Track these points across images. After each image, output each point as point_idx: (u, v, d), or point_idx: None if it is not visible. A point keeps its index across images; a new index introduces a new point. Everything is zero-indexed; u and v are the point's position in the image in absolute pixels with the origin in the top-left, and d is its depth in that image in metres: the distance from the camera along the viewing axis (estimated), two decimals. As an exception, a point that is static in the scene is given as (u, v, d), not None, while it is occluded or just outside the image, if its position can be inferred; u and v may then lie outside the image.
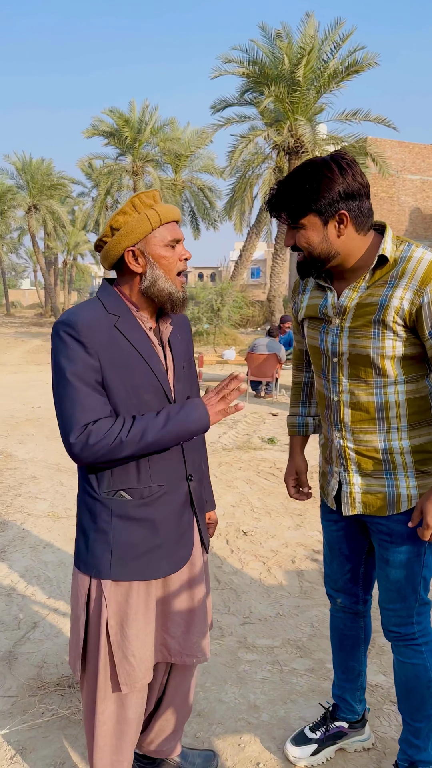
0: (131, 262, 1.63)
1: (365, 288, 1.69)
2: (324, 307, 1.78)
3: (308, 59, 16.49)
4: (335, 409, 1.80)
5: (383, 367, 1.68)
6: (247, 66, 17.26)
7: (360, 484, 1.80)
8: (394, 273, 1.65)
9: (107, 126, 28.96)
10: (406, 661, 1.87)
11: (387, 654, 2.74)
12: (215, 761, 2.05)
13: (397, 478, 1.75)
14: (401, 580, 1.81)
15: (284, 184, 1.65)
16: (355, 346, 1.70)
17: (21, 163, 35.64)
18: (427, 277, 1.60)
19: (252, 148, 18.55)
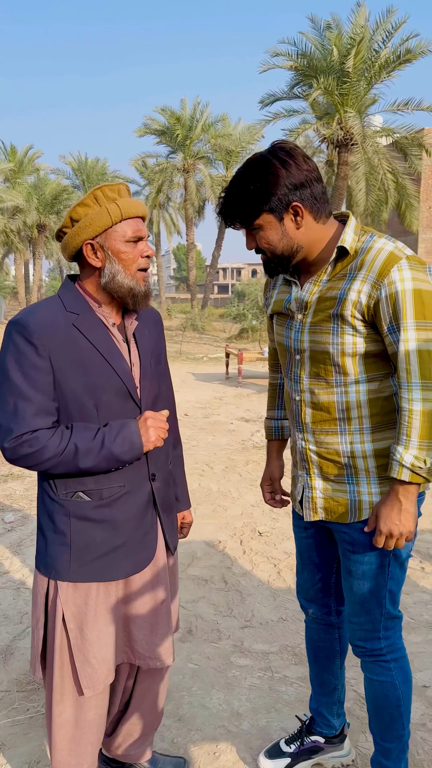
0: (90, 255, 1.60)
1: (326, 281, 1.62)
2: (288, 303, 1.72)
3: (358, 49, 16.10)
4: (297, 409, 1.73)
5: (343, 364, 1.60)
6: (296, 59, 17.01)
7: (322, 488, 1.71)
8: (354, 265, 1.57)
9: (159, 124, 29.21)
10: (374, 678, 1.78)
11: (386, 665, 2.62)
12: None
13: (359, 483, 1.66)
14: (365, 593, 1.71)
15: (230, 191, 1.59)
16: (315, 342, 1.63)
17: (77, 163, 36.40)
18: (385, 269, 1.51)
19: (302, 142, 18.29)
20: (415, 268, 1.52)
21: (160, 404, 1.79)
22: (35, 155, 36.43)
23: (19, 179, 34.91)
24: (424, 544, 3.92)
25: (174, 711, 2.32)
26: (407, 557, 1.73)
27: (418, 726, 2.23)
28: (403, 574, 1.74)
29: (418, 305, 1.50)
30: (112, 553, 1.65)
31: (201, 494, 4.92)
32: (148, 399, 1.71)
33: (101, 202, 1.59)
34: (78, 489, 1.62)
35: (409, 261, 1.53)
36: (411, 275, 1.51)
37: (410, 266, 1.52)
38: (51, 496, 1.65)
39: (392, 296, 1.50)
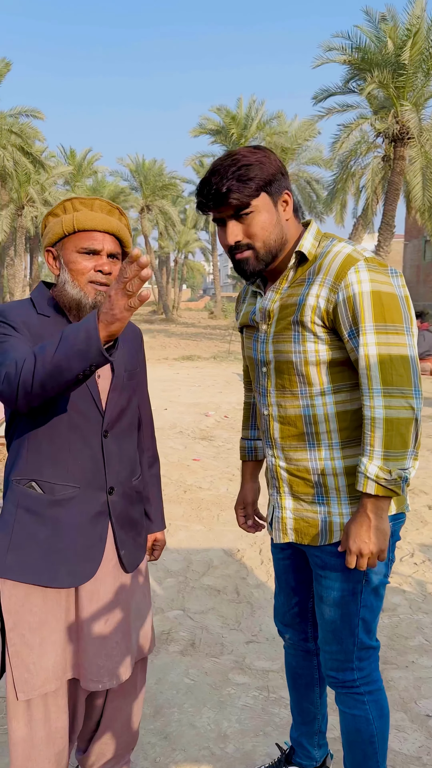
0: (49, 262, 1.65)
1: (287, 288, 1.56)
2: (253, 314, 1.66)
3: (414, 41, 15.60)
4: (266, 424, 1.65)
5: (307, 374, 1.52)
6: (350, 53, 16.66)
7: (292, 508, 1.63)
8: (312, 269, 1.51)
9: (214, 124, 29.25)
10: (347, 711, 1.68)
11: (389, 690, 2.49)
12: None
13: (330, 504, 1.57)
14: (336, 620, 1.62)
15: (227, 169, 1.47)
16: (278, 352, 1.56)
17: (134, 164, 36.88)
18: (342, 272, 1.44)
19: (357, 137, 17.91)
20: (373, 269, 1.45)
21: (127, 418, 1.75)
22: (94, 158, 37.15)
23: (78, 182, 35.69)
24: (452, 559, 3.73)
25: (162, 728, 2.27)
26: (382, 584, 1.63)
27: (412, 759, 2.10)
28: (378, 602, 1.64)
29: (377, 307, 1.42)
30: (53, 555, 1.60)
31: (227, 500, 4.86)
32: (113, 411, 1.67)
33: (67, 211, 1.61)
34: (33, 477, 1.60)
35: (367, 262, 1.46)
36: (369, 277, 1.44)
37: (368, 267, 1.45)
38: (7, 481, 1.65)
39: (350, 299, 1.43)
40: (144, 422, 1.91)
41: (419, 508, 4.66)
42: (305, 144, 27.45)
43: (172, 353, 17.48)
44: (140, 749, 2.17)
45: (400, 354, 1.42)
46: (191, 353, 17.31)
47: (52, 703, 1.67)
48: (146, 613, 1.85)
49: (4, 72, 24.13)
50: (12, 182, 26.54)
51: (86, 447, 1.62)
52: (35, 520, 1.60)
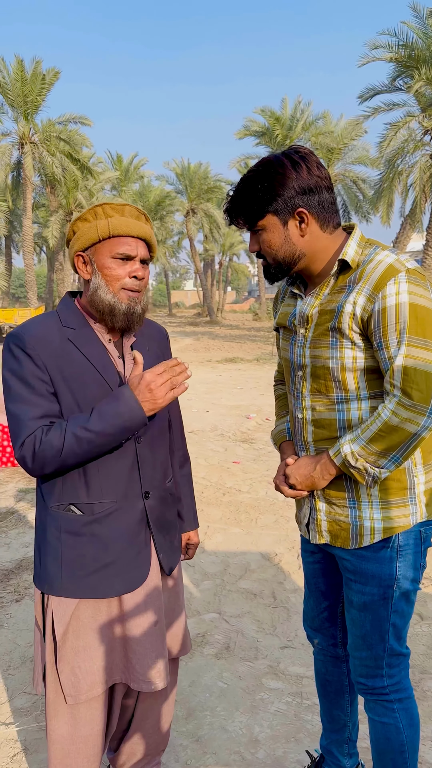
0: (80, 266, 1.65)
1: (327, 294, 1.57)
2: (293, 317, 1.67)
3: (463, 34, 15.27)
4: (300, 427, 1.67)
5: (344, 380, 1.53)
6: (397, 50, 16.42)
7: (326, 511, 1.64)
8: (353, 277, 1.51)
9: (259, 126, 29.22)
10: (376, 719, 1.67)
11: (426, 700, 2.43)
12: None
13: (361, 508, 1.57)
14: (366, 625, 1.62)
15: (237, 189, 1.56)
16: (316, 357, 1.58)
17: (180, 168, 37.20)
18: (381, 282, 1.45)
19: (404, 135, 17.62)
20: (413, 281, 1.45)
21: (158, 421, 1.77)
22: (140, 163, 37.65)
23: (125, 186, 36.22)
24: None
25: (194, 731, 2.28)
26: (414, 589, 1.61)
27: (448, 774, 2.05)
28: (409, 608, 1.62)
29: (412, 319, 1.43)
30: (103, 570, 1.64)
31: (266, 503, 4.84)
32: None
33: (99, 217, 1.62)
34: (71, 501, 1.63)
35: (408, 274, 1.45)
36: (408, 288, 1.44)
37: (408, 279, 1.44)
38: (44, 507, 1.68)
39: (384, 310, 1.44)
40: (173, 423, 1.93)
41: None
42: (351, 143, 27.15)
43: (215, 355, 17.53)
44: (172, 751, 2.18)
45: (426, 370, 1.42)
46: (234, 355, 17.31)
47: (95, 707, 1.71)
48: (180, 613, 1.87)
49: (53, 80, 24.69)
50: (61, 188, 27.13)
51: (120, 457, 1.65)
52: (81, 540, 1.63)
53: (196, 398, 9.93)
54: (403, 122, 16.85)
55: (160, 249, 42.15)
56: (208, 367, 14.84)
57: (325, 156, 27.55)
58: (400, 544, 1.56)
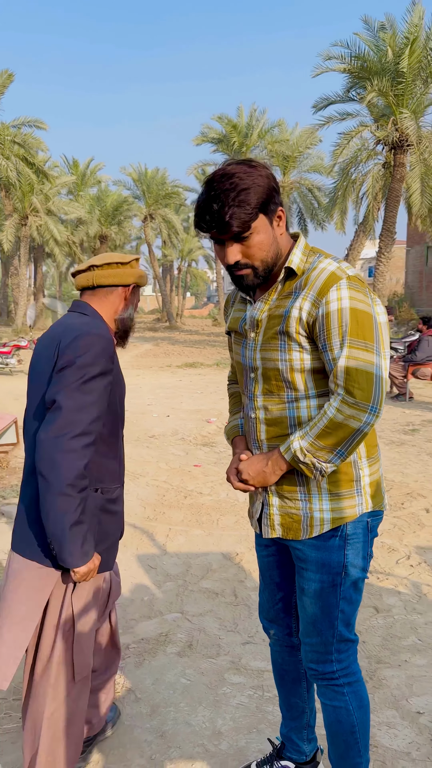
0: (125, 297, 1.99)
1: (275, 300, 1.64)
2: (243, 321, 1.74)
3: (413, 49, 15.73)
4: (253, 426, 1.74)
5: (293, 380, 1.62)
6: (349, 61, 16.80)
7: (278, 505, 1.71)
8: (299, 284, 1.60)
9: (216, 133, 29.43)
10: (328, 703, 1.75)
11: (382, 689, 2.54)
12: None
13: (312, 500, 1.66)
14: (316, 612, 1.70)
15: (221, 195, 1.48)
16: (266, 360, 1.65)
17: (137, 174, 37.09)
18: (324, 288, 1.53)
19: (357, 145, 18.02)
20: (354, 288, 1.54)
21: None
22: (97, 167, 37.43)
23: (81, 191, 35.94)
24: (448, 561, 3.77)
25: (158, 727, 2.33)
26: (361, 578, 1.71)
27: (402, 754, 2.15)
28: (357, 596, 1.71)
29: (353, 323, 1.52)
30: (114, 545, 1.98)
31: (227, 505, 4.91)
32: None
33: (133, 267, 2.03)
34: (96, 486, 1.86)
35: (349, 281, 1.54)
36: (348, 294, 1.53)
37: (349, 285, 1.53)
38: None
39: (328, 315, 1.52)
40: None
41: (417, 511, 4.71)
42: (306, 152, 27.62)
43: (175, 360, 17.56)
44: (136, 747, 2.22)
45: (366, 370, 1.51)
46: (194, 360, 17.38)
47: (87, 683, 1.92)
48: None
49: (6, 83, 24.37)
50: (15, 192, 26.74)
51: (121, 450, 1.99)
52: (109, 518, 1.92)
53: (156, 403, 9.96)
54: (356, 132, 17.23)
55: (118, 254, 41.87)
56: (168, 372, 14.87)
57: (281, 164, 27.95)
58: (348, 533, 1.65)
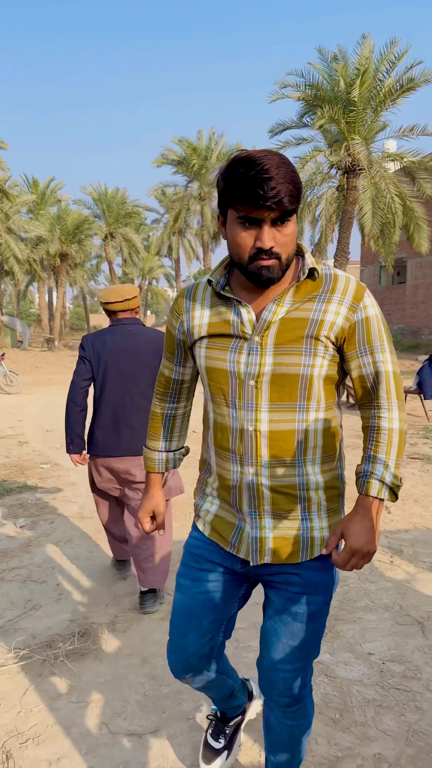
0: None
1: (290, 302, 1.53)
2: (239, 323, 1.55)
3: (363, 79, 16.68)
4: (250, 441, 1.56)
5: (310, 387, 1.53)
6: (304, 90, 17.65)
7: (273, 527, 1.58)
8: (326, 288, 1.53)
9: (176, 155, 30.14)
10: (293, 724, 1.74)
11: (339, 638, 2.96)
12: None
13: (312, 519, 1.59)
14: (308, 636, 1.63)
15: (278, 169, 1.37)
16: (281, 365, 1.52)
17: (97, 193, 37.51)
18: (359, 293, 1.54)
19: (312, 168, 18.85)
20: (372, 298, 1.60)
21: None
22: (57, 187, 37.63)
23: (41, 210, 36.09)
24: (396, 541, 4.25)
25: (149, 672, 2.70)
26: None
27: (355, 682, 2.58)
28: None
29: (386, 330, 1.56)
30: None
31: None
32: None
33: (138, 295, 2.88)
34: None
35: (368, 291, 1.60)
36: (375, 302, 1.57)
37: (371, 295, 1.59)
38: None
39: (368, 320, 1.53)
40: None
41: (370, 503, 5.19)
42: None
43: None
44: (132, 687, 2.59)
45: (399, 372, 1.59)
46: (157, 376, 17.69)
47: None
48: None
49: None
50: (-24, 211, 26.79)
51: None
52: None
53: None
54: (311, 156, 18.06)
55: (79, 272, 42.13)
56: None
57: (240, 185, 28.73)
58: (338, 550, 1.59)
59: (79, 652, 2.88)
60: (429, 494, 5.48)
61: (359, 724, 2.32)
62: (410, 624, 3.07)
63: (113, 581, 3.70)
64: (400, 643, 2.90)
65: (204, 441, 1.73)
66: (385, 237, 18.49)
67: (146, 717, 2.41)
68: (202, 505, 1.73)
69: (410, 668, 2.68)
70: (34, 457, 7.24)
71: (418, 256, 24.34)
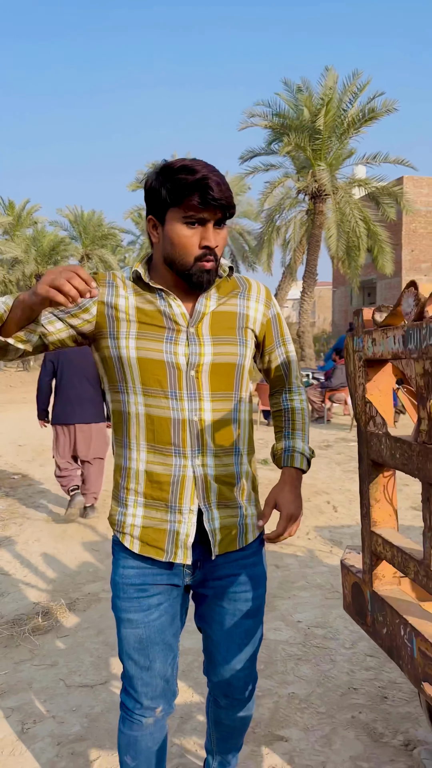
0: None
1: (216, 296, 1.59)
2: (171, 314, 1.53)
3: (327, 109, 17.45)
4: (195, 431, 1.53)
5: (242, 377, 1.61)
6: (271, 119, 18.41)
7: (220, 517, 1.56)
8: (243, 288, 1.65)
9: (150, 179, 30.76)
10: (238, 716, 1.75)
11: (274, 611, 3.35)
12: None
13: (245, 507, 1.62)
14: (254, 628, 1.65)
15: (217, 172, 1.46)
16: (220, 354, 1.55)
17: (73, 215, 38.02)
18: (269, 295, 1.70)
19: (280, 194, 19.57)
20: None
21: None
22: (33, 209, 38.05)
23: (17, 232, 36.45)
24: (338, 535, 4.67)
25: (104, 640, 3.07)
26: None
27: (282, 642, 2.98)
28: None
29: (286, 325, 1.77)
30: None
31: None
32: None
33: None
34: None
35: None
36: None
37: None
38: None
39: (278, 316, 1.71)
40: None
41: (319, 503, 5.61)
42: (236, 199, 29.31)
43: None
44: (87, 652, 2.95)
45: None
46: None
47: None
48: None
49: None
50: None
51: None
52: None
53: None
54: (279, 181, 18.78)
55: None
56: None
57: (213, 208, 29.41)
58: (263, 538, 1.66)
59: (42, 628, 3.23)
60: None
61: (280, 672, 2.72)
62: (337, 598, 3.48)
63: (77, 572, 4.06)
64: (326, 613, 3.30)
65: (120, 443, 1.60)
66: (351, 259, 19.20)
67: (98, 673, 2.77)
68: (125, 520, 1.57)
69: (330, 631, 3.09)
70: (6, 468, 7.55)
71: (386, 277, 25.17)
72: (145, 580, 1.56)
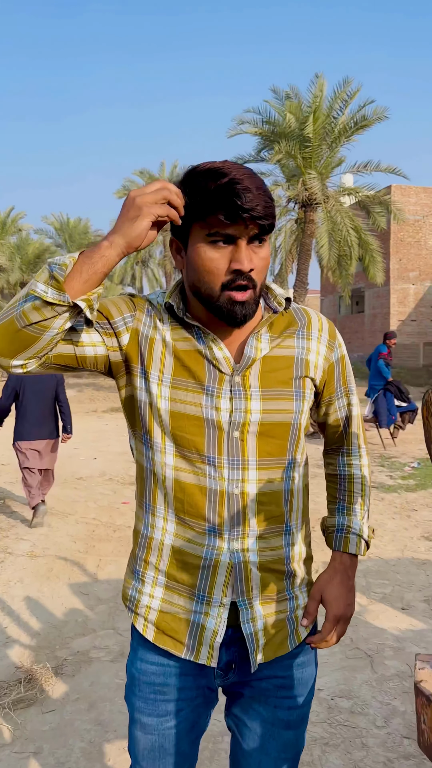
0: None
1: (269, 336, 1.27)
2: (212, 358, 1.23)
3: (316, 117, 17.23)
4: (234, 506, 1.23)
5: (298, 438, 1.29)
6: (261, 126, 18.15)
7: (264, 615, 1.25)
8: (302, 323, 1.30)
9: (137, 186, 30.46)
10: None
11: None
12: None
13: (297, 597, 1.30)
14: (294, 741, 1.33)
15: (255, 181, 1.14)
16: (271, 412, 1.24)
17: (59, 223, 37.57)
18: (333, 331, 1.35)
19: (270, 202, 19.29)
20: None
21: None
22: (18, 216, 37.58)
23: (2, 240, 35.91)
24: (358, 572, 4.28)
25: (96, 718, 2.65)
26: None
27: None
28: None
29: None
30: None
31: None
32: None
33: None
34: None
35: None
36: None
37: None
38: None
39: (342, 359, 1.36)
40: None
41: (325, 534, 5.23)
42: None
43: (101, 405, 17.76)
44: (77, 734, 2.53)
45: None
46: (119, 405, 17.62)
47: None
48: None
49: None
50: None
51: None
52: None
53: (83, 446, 10.17)
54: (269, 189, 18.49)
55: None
56: (94, 416, 15.06)
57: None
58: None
59: (25, 700, 2.81)
60: (383, 523, 5.55)
61: (306, 764, 2.32)
62: (359, 657, 3.09)
63: (64, 622, 3.63)
64: (349, 678, 2.91)
65: (141, 504, 1.31)
66: (342, 268, 18.94)
67: (90, 765, 2.35)
68: (140, 599, 1.29)
69: (358, 704, 2.69)
70: (-12, 492, 7.10)
71: (374, 286, 25.00)
72: (166, 681, 1.27)
